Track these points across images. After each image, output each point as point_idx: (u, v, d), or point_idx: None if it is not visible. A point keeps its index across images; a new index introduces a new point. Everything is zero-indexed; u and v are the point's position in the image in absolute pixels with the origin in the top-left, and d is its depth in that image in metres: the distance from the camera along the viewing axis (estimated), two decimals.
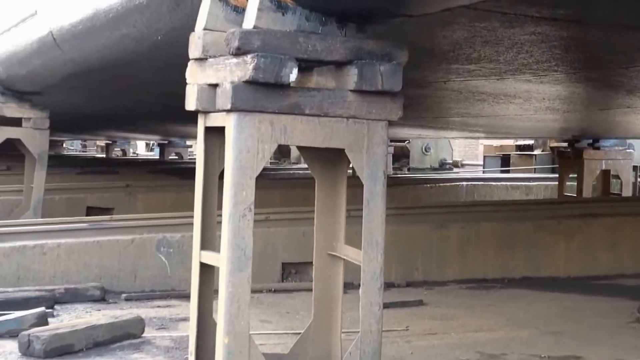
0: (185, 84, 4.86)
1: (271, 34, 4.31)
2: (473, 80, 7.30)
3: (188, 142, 29.10)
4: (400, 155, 23.00)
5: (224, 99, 4.34)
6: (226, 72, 4.39)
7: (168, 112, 12.88)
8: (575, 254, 9.43)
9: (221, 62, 4.47)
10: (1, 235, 8.45)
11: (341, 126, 4.48)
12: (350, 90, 4.42)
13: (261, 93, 4.28)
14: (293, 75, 4.29)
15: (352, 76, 4.41)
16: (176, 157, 29.10)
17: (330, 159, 4.88)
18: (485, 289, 8.20)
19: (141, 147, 36.78)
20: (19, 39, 9.35)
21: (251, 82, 4.22)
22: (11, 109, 11.15)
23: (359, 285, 4.64)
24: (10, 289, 7.38)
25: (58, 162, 14.37)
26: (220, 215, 4.49)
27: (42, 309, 6.55)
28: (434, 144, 23.03)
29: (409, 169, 21.82)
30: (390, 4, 4.53)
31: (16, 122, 11.18)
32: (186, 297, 5.87)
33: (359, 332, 4.63)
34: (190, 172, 13.87)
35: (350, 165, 4.76)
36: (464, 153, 28.38)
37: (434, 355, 5.63)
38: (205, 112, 4.68)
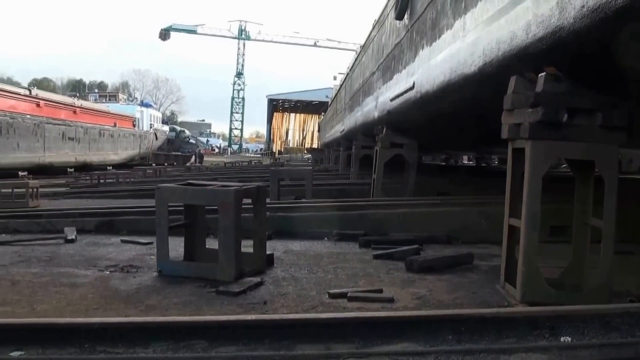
0: (492, 122, 4.87)
1: (551, 94, 4.23)
2: None
3: (493, 157, 28.38)
4: None
5: (524, 132, 4.31)
6: (525, 117, 4.32)
7: (482, 139, 12.63)
8: None
9: (522, 111, 4.42)
10: (393, 205, 8.63)
11: (592, 147, 4.28)
12: (598, 126, 4.20)
13: (546, 128, 4.20)
14: (564, 118, 4.15)
15: (598, 118, 4.23)
16: (485, 165, 28.48)
17: (584, 166, 4.64)
18: None
19: (465, 159, 36.39)
20: (401, 101, 9.52)
21: (540, 122, 4.16)
22: (397, 138, 11.32)
23: (599, 240, 4.43)
24: (401, 234, 7.51)
25: (419, 168, 14.27)
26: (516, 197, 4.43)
27: (416, 245, 6.62)
28: (636, 156, 21.44)
29: (620, 172, 20.47)
30: (622, 76, 4.28)
31: (399, 145, 11.31)
32: (496, 243, 5.72)
33: (597, 268, 4.40)
34: (494, 174, 13.47)
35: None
36: None
37: None
38: (512, 140, 4.61)
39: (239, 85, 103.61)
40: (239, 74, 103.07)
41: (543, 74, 4.33)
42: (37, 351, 3.28)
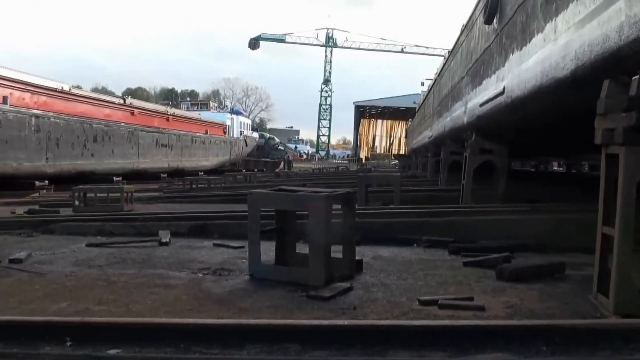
0: (585, 127, 4.76)
1: None
2: None
3: (583, 163, 27.42)
4: None
5: (617, 137, 4.19)
6: (619, 121, 4.20)
7: (574, 145, 12.33)
8: None
9: (616, 116, 4.29)
10: (483, 212, 8.54)
11: None
12: None
13: None
14: None
15: None
16: (575, 171, 27.58)
17: None
18: None
19: (554, 165, 35.36)
20: (491, 106, 9.38)
21: (634, 127, 4.03)
22: (486, 144, 11.15)
23: None
24: (491, 242, 7.36)
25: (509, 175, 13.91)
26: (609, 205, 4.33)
27: (507, 253, 6.50)
28: None
29: None
30: None
31: (489, 151, 11.14)
32: (588, 251, 5.52)
33: None
34: (585, 180, 12.97)
35: None
36: None
37: None
38: (606, 145, 4.49)
39: (326, 92, 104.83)
40: (326, 81, 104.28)
41: (637, 77, 4.20)
42: (134, 350, 3.42)
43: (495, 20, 9.70)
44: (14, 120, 20.87)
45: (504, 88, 8.47)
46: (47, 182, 20.77)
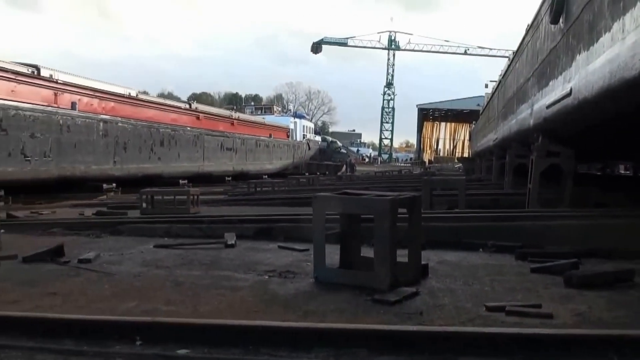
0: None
1: None
2: None
3: None
4: None
5: None
6: None
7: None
8: None
9: None
10: (550, 217, 8.33)
11: None
12: None
13: None
14: None
15: None
16: None
17: None
18: None
19: (621, 168, 34.30)
20: (558, 108, 9.19)
21: None
22: (553, 147, 10.94)
23: None
24: (559, 247, 7.09)
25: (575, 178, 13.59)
26: None
27: (575, 259, 6.30)
28: None
29: None
30: None
31: (555, 154, 10.92)
32: None
33: None
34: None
35: None
36: None
37: None
38: None
39: (389, 95, 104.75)
40: (389, 84, 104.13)
41: None
42: (203, 350, 3.47)
43: (561, 20, 9.51)
44: (82, 125, 21.52)
45: (570, 89, 8.28)
46: (114, 184, 21.31)
